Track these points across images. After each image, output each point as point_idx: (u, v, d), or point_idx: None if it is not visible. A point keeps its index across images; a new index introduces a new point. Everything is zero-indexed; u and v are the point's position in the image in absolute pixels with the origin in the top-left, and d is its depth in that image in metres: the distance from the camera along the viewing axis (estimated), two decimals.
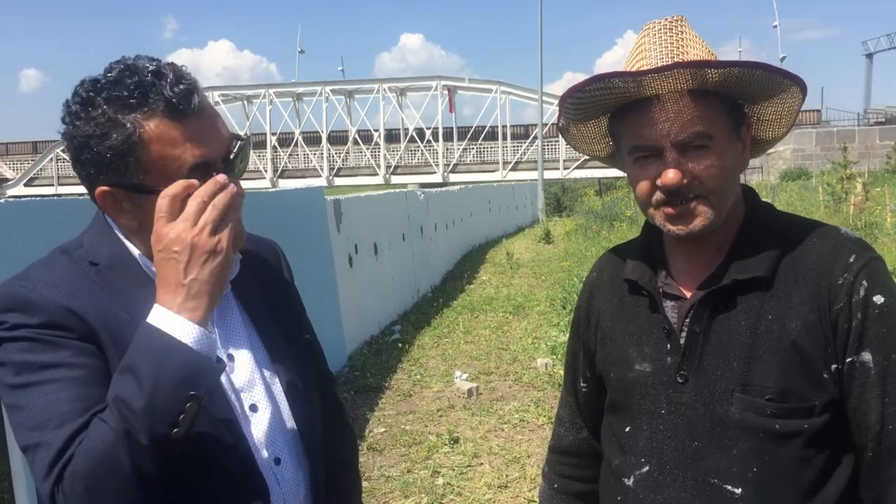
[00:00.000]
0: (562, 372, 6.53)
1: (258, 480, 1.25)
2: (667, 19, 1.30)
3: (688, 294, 1.34)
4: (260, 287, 1.40)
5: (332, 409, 1.54)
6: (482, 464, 4.99)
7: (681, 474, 1.30)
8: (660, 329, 1.35)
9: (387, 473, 4.86)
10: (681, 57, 1.25)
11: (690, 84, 1.22)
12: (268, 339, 1.34)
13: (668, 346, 1.33)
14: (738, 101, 1.30)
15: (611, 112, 1.35)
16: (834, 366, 1.23)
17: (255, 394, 1.30)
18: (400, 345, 8.18)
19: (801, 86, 1.27)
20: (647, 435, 1.34)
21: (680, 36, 1.28)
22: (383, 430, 5.66)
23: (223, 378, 1.25)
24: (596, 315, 1.50)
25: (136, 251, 1.26)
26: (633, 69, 1.27)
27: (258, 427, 1.29)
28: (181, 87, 1.16)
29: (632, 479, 1.36)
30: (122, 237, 1.26)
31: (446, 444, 5.30)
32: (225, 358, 1.28)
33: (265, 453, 1.28)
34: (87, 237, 1.29)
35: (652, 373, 1.34)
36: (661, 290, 1.36)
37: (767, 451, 1.24)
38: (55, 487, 1.06)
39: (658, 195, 1.28)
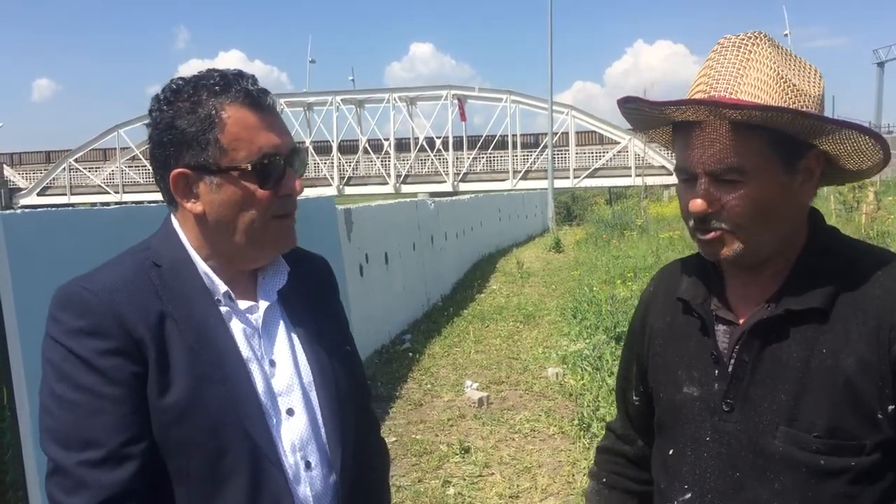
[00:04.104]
0: (573, 381, 6.53)
1: (280, 480, 1.30)
2: (739, 36, 1.25)
3: (741, 320, 1.30)
4: (307, 299, 1.46)
5: (366, 422, 1.58)
6: (493, 474, 4.99)
7: None
8: (709, 354, 1.32)
9: (398, 483, 4.86)
10: (737, 80, 1.21)
11: (705, 116, 1.20)
12: (310, 349, 1.40)
13: (717, 372, 1.30)
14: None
15: (667, 125, 1.34)
16: (891, 407, 1.17)
17: (293, 398, 1.36)
18: (410, 354, 8.19)
19: (854, 128, 1.20)
20: (691, 461, 1.32)
21: (747, 56, 1.23)
22: (394, 439, 5.66)
23: (262, 382, 1.32)
24: (649, 330, 1.47)
25: (197, 257, 1.34)
26: (692, 88, 1.26)
27: (293, 430, 1.34)
28: (258, 86, 1.31)
29: None
30: (186, 243, 1.35)
31: (457, 454, 5.30)
32: (267, 364, 1.35)
33: (297, 456, 1.34)
34: (155, 240, 1.37)
35: (699, 398, 1.32)
36: (713, 314, 1.33)
37: (810, 486, 1.20)
38: None
39: (692, 219, 1.27)
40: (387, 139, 48.66)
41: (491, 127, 47.92)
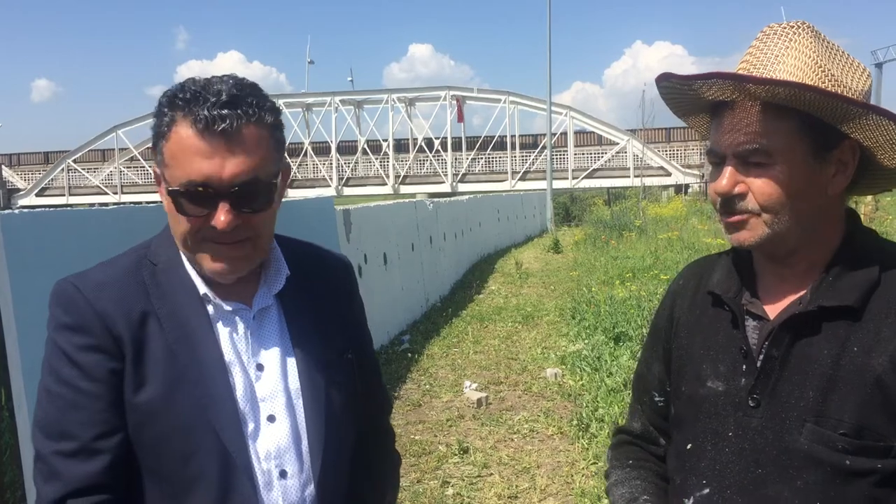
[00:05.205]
0: (571, 382, 6.49)
1: (248, 487, 1.28)
2: (781, 25, 1.25)
3: (772, 315, 1.29)
4: (310, 302, 1.42)
5: (373, 434, 1.53)
6: (492, 474, 4.99)
7: (741, 501, 1.25)
8: (737, 348, 1.30)
9: None
10: (774, 66, 1.21)
11: (733, 95, 1.20)
12: (303, 354, 1.37)
13: (744, 366, 1.29)
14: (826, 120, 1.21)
15: (706, 112, 1.34)
16: None
17: (276, 405, 1.33)
18: (409, 354, 8.18)
19: (880, 112, 1.17)
20: (711, 456, 1.31)
21: (787, 44, 1.22)
22: None
23: (243, 386, 1.30)
24: (675, 323, 1.46)
25: (185, 258, 1.33)
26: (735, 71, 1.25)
27: (271, 438, 1.31)
28: (223, 110, 1.20)
29: (691, 501, 1.32)
30: (179, 243, 1.33)
31: (456, 455, 5.30)
32: (253, 368, 1.33)
33: (271, 464, 1.31)
34: (157, 239, 1.38)
35: (724, 392, 1.30)
36: (744, 308, 1.32)
37: (833, 486, 1.18)
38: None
39: (718, 201, 1.27)
40: (385, 140, 48.71)
41: (490, 128, 48.09)
